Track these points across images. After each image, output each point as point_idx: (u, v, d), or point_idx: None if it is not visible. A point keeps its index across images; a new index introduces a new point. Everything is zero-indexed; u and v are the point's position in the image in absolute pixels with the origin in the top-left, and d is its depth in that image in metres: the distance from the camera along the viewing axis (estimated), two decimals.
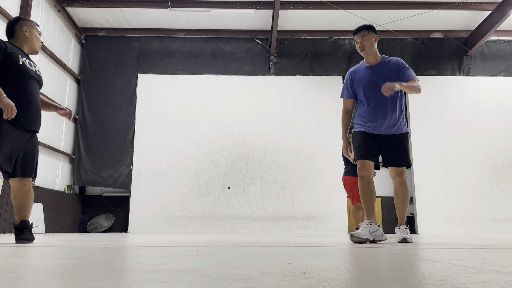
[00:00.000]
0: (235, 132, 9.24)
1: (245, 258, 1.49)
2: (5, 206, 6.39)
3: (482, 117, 9.36)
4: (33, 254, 1.65)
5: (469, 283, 0.84)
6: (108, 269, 1.07)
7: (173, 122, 9.25)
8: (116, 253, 1.75)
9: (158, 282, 0.83)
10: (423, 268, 1.14)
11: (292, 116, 9.31)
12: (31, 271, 1.02)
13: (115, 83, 9.50)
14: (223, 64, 9.68)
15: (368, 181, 3.33)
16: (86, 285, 0.80)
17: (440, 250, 2.12)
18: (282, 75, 9.63)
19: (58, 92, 8.56)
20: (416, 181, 9.03)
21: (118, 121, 9.32)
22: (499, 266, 1.20)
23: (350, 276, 0.96)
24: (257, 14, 9.11)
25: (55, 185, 8.44)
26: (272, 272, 1.02)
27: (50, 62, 8.25)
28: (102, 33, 9.68)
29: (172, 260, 1.35)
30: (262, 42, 9.78)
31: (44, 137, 8.01)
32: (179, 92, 9.41)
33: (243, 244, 2.66)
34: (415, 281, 0.88)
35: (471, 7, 8.67)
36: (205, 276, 0.94)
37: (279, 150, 9.17)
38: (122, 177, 9.05)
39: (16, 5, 7.15)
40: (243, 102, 9.39)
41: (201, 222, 8.79)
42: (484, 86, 9.55)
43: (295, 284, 0.82)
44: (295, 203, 8.91)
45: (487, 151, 9.19)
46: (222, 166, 9.07)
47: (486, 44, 9.83)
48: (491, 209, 8.89)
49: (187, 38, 9.77)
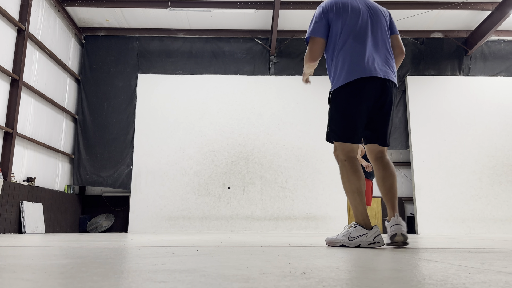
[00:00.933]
0: (235, 132, 9.23)
1: (245, 258, 1.48)
2: (5, 206, 6.39)
3: (482, 117, 9.36)
4: (33, 254, 1.64)
5: (469, 283, 0.84)
6: (108, 269, 1.07)
7: (173, 122, 9.25)
8: (116, 253, 1.75)
9: (158, 282, 0.83)
10: (423, 268, 1.14)
11: (292, 116, 9.31)
12: (31, 271, 1.01)
13: (115, 83, 9.49)
14: (223, 64, 9.68)
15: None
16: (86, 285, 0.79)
17: (440, 250, 2.12)
18: (282, 75, 9.62)
19: (58, 92, 8.55)
20: (416, 181, 9.03)
21: (118, 121, 9.31)
22: (499, 266, 1.20)
23: (350, 276, 0.96)
24: (257, 14, 9.10)
25: (55, 185, 8.44)
26: (272, 272, 1.02)
27: (50, 62, 8.25)
28: (102, 33, 9.67)
29: (172, 260, 1.35)
30: (262, 42, 9.77)
31: (44, 137, 8.01)
32: (179, 92, 9.41)
33: (243, 244, 2.66)
34: (415, 281, 0.88)
35: (471, 7, 8.67)
36: (205, 276, 0.94)
37: (279, 150, 9.16)
38: (122, 177, 9.05)
39: (16, 5, 7.15)
40: (243, 102, 9.39)
41: (201, 222, 8.79)
42: (484, 86, 9.55)
43: (295, 284, 0.82)
44: (295, 203, 8.91)
45: (487, 151, 9.18)
46: (222, 166, 9.07)
47: (486, 44, 9.83)
48: (491, 209, 8.89)
49: (187, 38, 9.77)
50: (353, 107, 2.44)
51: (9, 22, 6.92)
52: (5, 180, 6.52)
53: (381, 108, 2.49)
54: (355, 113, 2.45)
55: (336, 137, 2.51)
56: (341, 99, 2.49)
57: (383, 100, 2.47)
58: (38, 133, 7.79)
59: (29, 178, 7.31)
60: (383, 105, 2.48)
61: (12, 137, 6.79)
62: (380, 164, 2.60)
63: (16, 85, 6.99)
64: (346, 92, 2.46)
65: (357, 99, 2.43)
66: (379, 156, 2.61)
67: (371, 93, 2.43)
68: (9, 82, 6.97)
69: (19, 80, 6.99)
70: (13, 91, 6.97)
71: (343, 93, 2.47)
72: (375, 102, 2.47)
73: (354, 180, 2.43)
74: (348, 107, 2.46)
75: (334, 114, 2.52)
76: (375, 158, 2.62)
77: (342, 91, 2.47)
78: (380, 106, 2.48)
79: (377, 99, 2.46)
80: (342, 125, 2.49)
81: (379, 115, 2.50)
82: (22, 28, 7.13)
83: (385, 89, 2.46)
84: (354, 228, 2.38)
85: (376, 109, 2.48)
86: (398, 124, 9.58)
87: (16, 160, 7.05)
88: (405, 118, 9.59)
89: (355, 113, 2.45)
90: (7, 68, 6.85)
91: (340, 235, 2.42)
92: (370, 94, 2.43)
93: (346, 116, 2.47)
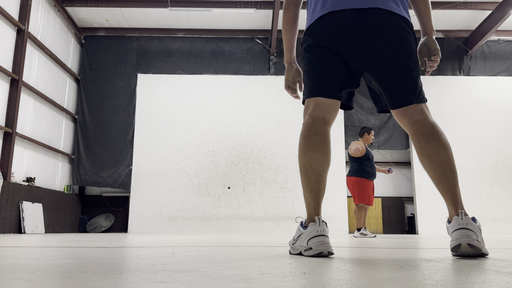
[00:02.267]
0: (235, 132, 9.23)
1: (245, 258, 1.48)
2: (5, 206, 6.39)
3: (483, 117, 9.36)
4: (32, 254, 1.64)
5: (469, 283, 0.84)
6: (108, 269, 1.07)
7: (173, 122, 9.25)
8: (116, 253, 1.75)
9: (158, 283, 0.83)
10: (424, 269, 1.14)
11: (292, 116, 9.31)
12: (30, 271, 1.01)
13: (114, 83, 9.49)
14: (223, 64, 9.68)
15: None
16: (85, 285, 0.79)
17: (441, 250, 2.12)
18: (282, 74, 9.62)
19: (57, 92, 8.55)
20: (416, 181, 9.03)
21: (118, 121, 9.31)
22: (499, 266, 1.20)
23: (350, 276, 0.96)
24: (257, 13, 9.10)
25: (54, 185, 8.43)
26: (272, 273, 1.01)
27: (49, 62, 8.25)
28: (102, 32, 9.67)
29: (172, 261, 1.35)
30: (262, 41, 9.77)
31: (44, 137, 8.01)
32: (179, 92, 9.41)
33: (243, 244, 2.65)
34: (416, 281, 0.87)
35: (472, 6, 8.67)
36: (205, 276, 0.94)
37: (279, 150, 9.16)
38: (122, 177, 9.04)
39: (16, 5, 7.15)
40: (243, 102, 9.38)
41: (201, 222, 8.79)
42: (484, 86, 9.55)
43: (295, 284, 0.82)
44: (295, 203, 8.90)
45: (488, 151, 9.18)
46: (222, 166, 9.07)
47: (486, 44, 9.83)
48: (492, 209, 8.89)
49: (187, 38, 9.76)
50: (320, 55, 1.75)
51: (8, 22, 6.91)
52: (5, 180, 6.52)
53: (373, 49, 1.68)
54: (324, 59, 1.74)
55: (304, 95, 1.83)
56: (307, 50, 1.81)
57: (369, 37, 1.67)
58: (38, 133, 7.79)
59: (29, 178, 7.31)
60: (374, 44, 1.67)
61: (11, 137, 6.79)
62: (420, 133, 1.67)
63: (16, 85, 6.99)
64: (310, 38, 1.80)
65: (322, 42, 1.74)
66: (416, 120, 1.69)
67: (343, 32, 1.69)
68: (8, 82, 6.96)
69: (19, 80, 6.99)
70: (13, 91, 6.97)
71: (307, 39, 1.82)
72: (356, 45, 1.69)
73: (303, 151, 1.68)
74: (314, 57, 1.77)
75: (304, 71, 1.84)
76: (410, 126, 1.71)
77: (307, 36, 1.82)
78: (370, 47, 1.68)
79: (356, 39, 1.68)
80: (310, 78, 1.79)
81: (374, 61, 1.69)
82: (22, 28, 7.13)
83: (369, 22, 1.67)
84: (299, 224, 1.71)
85: (364, 55, 1.69)
86: (398, 124, 9.55)
87: (15, 160, 7.05)
88: None
89: (323, 59, 1.74)
90: (7, 68, 6.85)
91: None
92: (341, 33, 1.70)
93: (313, 68, 1.77)
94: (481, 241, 1.50)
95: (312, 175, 1.64)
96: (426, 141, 1.64)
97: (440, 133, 1.66)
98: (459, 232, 1.50)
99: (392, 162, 9.98)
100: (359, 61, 1.71)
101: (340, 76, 1.73)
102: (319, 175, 1.65)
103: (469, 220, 1.52)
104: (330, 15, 1.72)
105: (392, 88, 1.70)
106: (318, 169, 1.65)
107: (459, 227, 1.51)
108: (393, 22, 1.70)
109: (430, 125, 1.66)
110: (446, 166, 1.61)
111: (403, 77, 1.68)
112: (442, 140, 1.65)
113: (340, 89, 1.75)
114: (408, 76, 1.69)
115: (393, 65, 1.68)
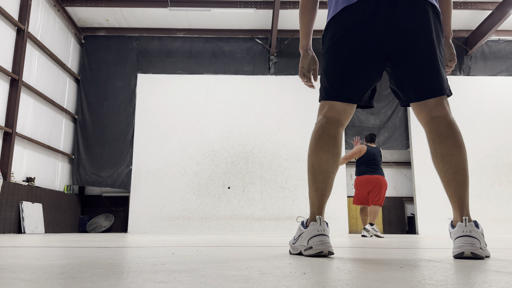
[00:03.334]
0: (235, 132, 9.23)
1: (245, 258, 1.48)
2: (5, 206, 6.39)
3: (483, 117, 9.36)
4: (32, 254, 1.64)
5: (469, 283, 0.84)
6: (108, 269, 1.07)
7: (173, 122, 9.25)
8: (115, 253, 1.75)
9: (158, 283, 0.83)
10: (424, 269, 1.14)
11: (292, 116, 9.31)
12: (30, 271, 1.01)
13: (114, 83, 9.49)
14: (223, 64, 9.68)
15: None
16: (85, 285, 0.79)
17: (441, 250, 2.12)
18: (282, 74, 9.62)
19: (57, 92, 8.55)
20: (416, 181, 9.03)
21: (118, 121, 9.31)
22: (499, 266, 1.20)
23: (350, 276, 0.96)
24: (257, 13, 9.10)
25: (54, 185, 8.43)
26: (272, 273, 1.01)
27: (49, 62, 8.25)
28: (102, 32, 9.67)
29: (172, 261, 1.35)
30: (262, 41, 9.77)
31: (44, 137, 8.01)
32: (179, 92, 9.41)
33: (243, 244, 2.65)
34: (416, 281, 0.87)
35: (472, 6, 8.67)
36: (205, 276, 0.93)
37: (279, 150, 9.16)
38: (122, 177, 9.04)
39: (16, 5, 7.15)
40: (243, 102, 9.38)
41: (200, 222, 8.79)
42: (484, 86, 9.55)
43: (295, 284, 0.82)
44: (295, 203, 8.90)
45: (488, 151, 9.19)
46: (222, 166, 9.07)
47: (486, 43, 9.83)
48: (492, 209, 8.89)
49: (187, 37, 9.77)
50: (344, 50, 1.65)
51: (8, 22, 6.91)
52: (5, 180, 6.52)
53: (407, 35, 1.59)
54: (348, 55, 1.65)
55: (320, 96, 1.76)
56: (328, 42, 1.71)
57: (402, 23, 1.58)
58: (38, 133, 7.79)
59: (29, 178, 7.31)
60: (408, 30, 1.59)
61: (11, 137, 6.79)
62: (436, 131, 1.61)
63: (16, 85, 6.99)
64: (334, 29, 1.69)
65: (346, 37, 1.65)
66: (434, 116, 1.63)
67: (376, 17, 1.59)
68: (8, 82, 6.96)
69: (19, 80, 6.99)
70: (13, 91, 6.97)
71: (329, 32, 1.72)
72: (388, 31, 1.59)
73: (314, 150, 1.66)
74: (336, 54, 1.68)
75: (322, 68, 1.75)
76: (428, 121, 1.64)
77: (329, 30, 1.72)
78: (403, 33, 1.59)
79: (387, 25, 1.59)
80: (327, 79, 1.71)
81: (406, 46, 1.60)
82: (22, 28, 7.13)
83: (401, 8, 1.57)
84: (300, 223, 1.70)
85: (396, 41, 1.60)
86: (398, 124, 9.57)
87: (15, 160, 7.05)
88: (405, 118, 9.59)
89: (347, 55, 1.65)
90: (7, 68, 6.85)
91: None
92: (366, 23, 1.61)
93: (333, 67, 1.69)
94: (484, 247, 1.49)
95: (320, 176, 1.64)
96: (441, 141, 1.58)
97: (457, 133, 1.59)
98: (463, 239, 1.48)
99: (392, 162, 9.98)
100: (392, 45, 1.61)
101: (365, 73, 1.66)
102: (327, 176, 1.64)
103: (472, 227, 1.49)
104: (359, 4, 1.62)
105: (419, 76, 1.62)
106: (327, 170, 1.64)
107: (463, 234, 1.49)
108: (425, 10, 1.63)
109: (447, 124, 1.60)
110: (458, 169, 1.56)
111: (432, 65, 1.62)
112: (458, 141, 1.58)
113: (362, 90, 1.70)
114: (436, 65, 1.63)
115: (424, 52, 1.61)
